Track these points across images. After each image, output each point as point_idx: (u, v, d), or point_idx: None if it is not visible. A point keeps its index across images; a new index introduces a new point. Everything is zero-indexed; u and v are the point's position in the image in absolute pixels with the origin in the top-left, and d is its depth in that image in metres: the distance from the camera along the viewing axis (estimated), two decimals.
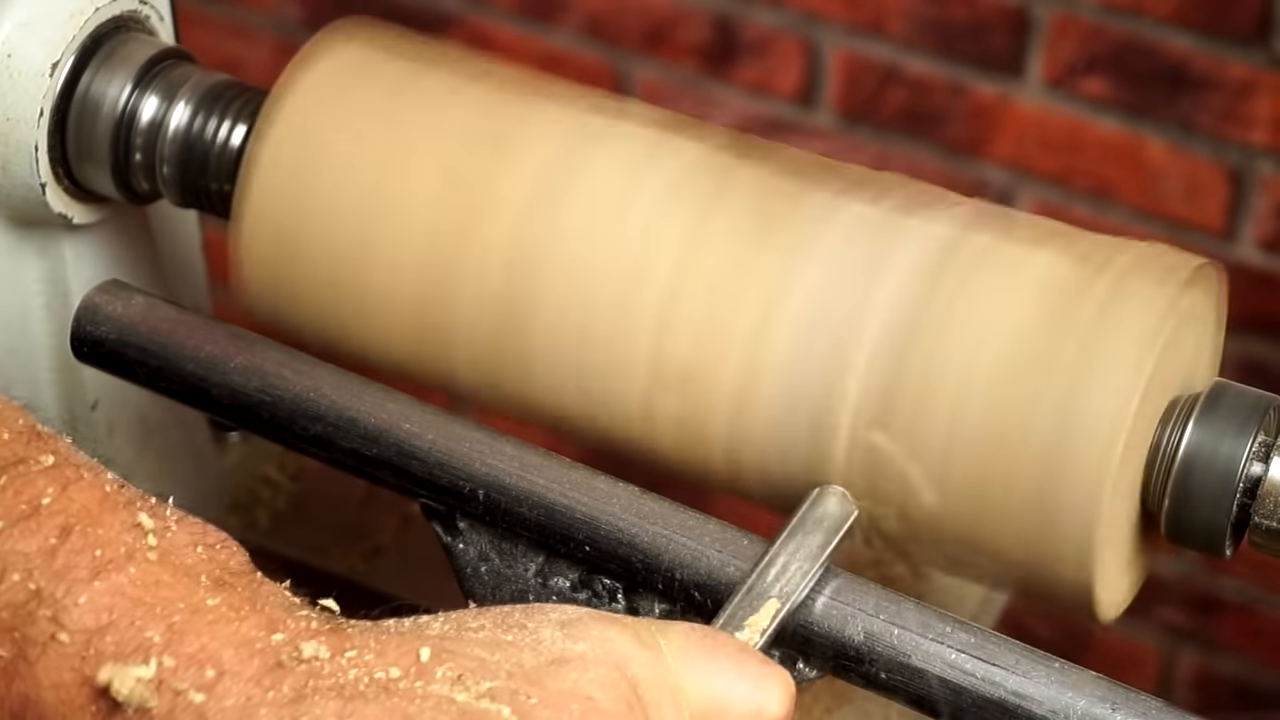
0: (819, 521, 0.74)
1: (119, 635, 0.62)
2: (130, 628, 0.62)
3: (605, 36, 1.96)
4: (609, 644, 0.64)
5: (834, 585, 0.74)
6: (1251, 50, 1.71)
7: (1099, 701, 0.71)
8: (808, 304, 0.77)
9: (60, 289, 0.90)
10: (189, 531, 0.66)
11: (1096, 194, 1.81)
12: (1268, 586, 1.81)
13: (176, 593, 0.63)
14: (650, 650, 0.64)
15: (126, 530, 0.65)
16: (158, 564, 0.64)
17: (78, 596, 0.62)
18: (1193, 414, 0.75)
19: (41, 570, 0.63)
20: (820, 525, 0.74)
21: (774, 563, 0.72)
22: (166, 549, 0.65)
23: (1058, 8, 1.77)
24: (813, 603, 0.73)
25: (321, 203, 0.83)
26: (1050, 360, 0.74)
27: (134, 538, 0.65)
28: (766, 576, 0.72)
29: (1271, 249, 1.76)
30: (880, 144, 1.87)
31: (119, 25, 0.87)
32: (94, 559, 0.63)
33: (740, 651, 0.67)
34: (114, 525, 0.65)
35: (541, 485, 0.77)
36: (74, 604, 0.62)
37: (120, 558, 0.64)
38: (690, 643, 0.66)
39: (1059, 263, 0.76)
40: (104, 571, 0.63)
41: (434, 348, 0.83)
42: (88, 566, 0.63)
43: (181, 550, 0.65)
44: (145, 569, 0.64)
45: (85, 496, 0.66)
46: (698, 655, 0.65)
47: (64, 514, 0.65)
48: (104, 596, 0.63)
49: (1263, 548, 0.75)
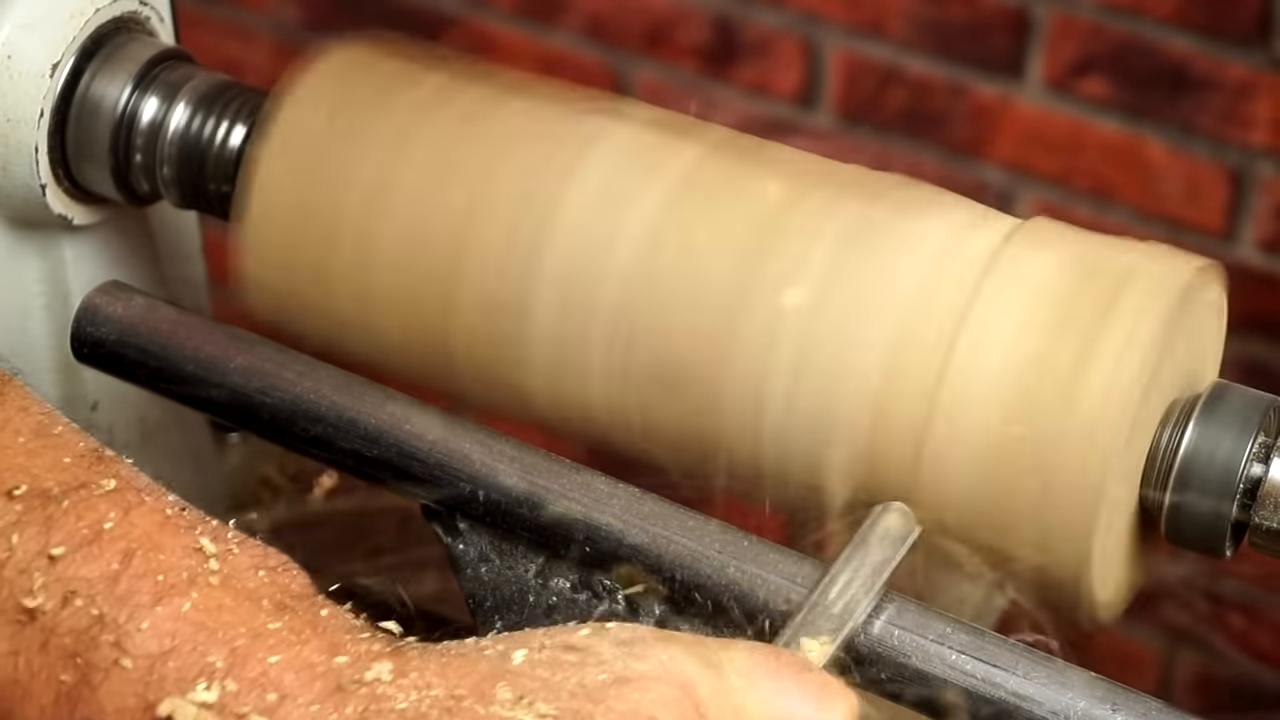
0: (881, 538, 0.73)
1: (181, 660, 0.62)
2: (192, 653, 0.62)
3: (605, 37, 1.96)
4: (672, 663, 0.63)
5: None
6: (1251, 51, 1.71)
7: (1099, 702, 0.71)
8: (808, 304, 0.77)
9: (60, 290, 0.90)
10: (250, 555, 0.66)
11: (1096, 194, 1.81)
12: (1268, 586, 1.81)
13: (238, 617, 0.63)
14: (713, 669, 0.64)
15: (188, 555, 0.65)
16: (220, 588, 0.64)
17: (140, 622, 0.62)
18: (1193, 415, 0.75)
19: (104, 596, 0.63)
20: (882, 542, 0.73)
21: (836, 580, 0.71)
22: (228, 573, 0.65)
23: (1058, 8, 1.77)
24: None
25: (322, 205, 0.83)
26: (1050, 361, 0.74)
27: (196, 562, 0.65)
28: (829, 594, 0.71)
29: (1271, 249, 1.76)
30: (880, 144, 1.87)
31: (119, 26, 0.88)
32: (156, 584, 0.63)
33: (804, 670, 0.66)
34: (176, 550, 0.65)
35: (542, 486, 0.77)
36: (136, 629, 0.62)
37: (182, 583, 0.64)
38: (754, 661, 0.65)
39: (1060, 264, 0.76)
40: (166, 597, 0.63)
41: (433, 348, 0.83)
42: (150, 592, 0.63)
43: (243, 574, 0.65)
44: (207, 593, 0.64)
45: (147, 521, 0.66)
46: (761, 674, 0.65)
47: (126, 539, 0.65)
48: (166, 622, 0.63)
49: (1263, 548, 0.75)
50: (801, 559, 0.75)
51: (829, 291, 0.77)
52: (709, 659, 0.64)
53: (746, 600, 0.74)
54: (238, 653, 0.62)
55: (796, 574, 0.74)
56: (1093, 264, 0.76)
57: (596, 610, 0.76)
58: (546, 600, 0.76)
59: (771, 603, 0.74)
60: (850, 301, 0.77)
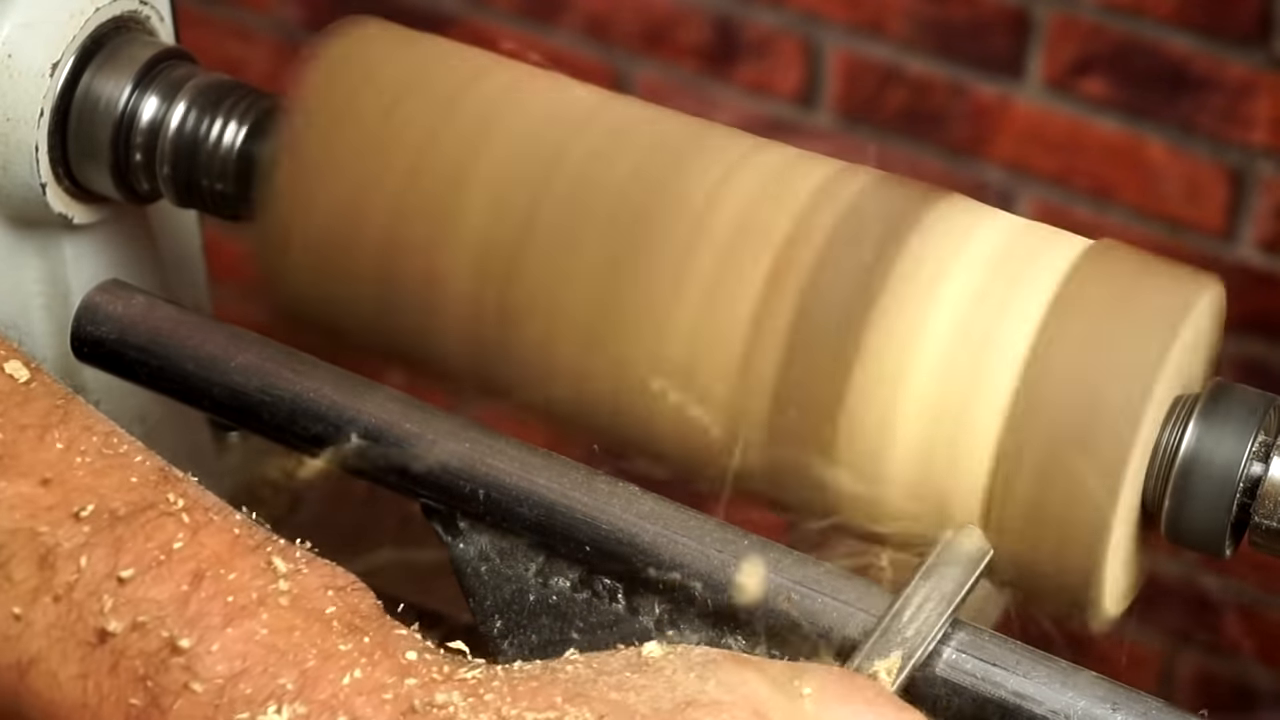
0: (954, 562, 0.73)
1: (252, 682, 0.62)
2: (263, 675, 0.62)
3: (605, 36, 1.96)
4: (745, 687, 0.63)
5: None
6: (1251, 50, 1.71)
7: (1099, 701, 0.71)
8: (807, 301, 0.77)
9: (60, 289, 0.90)
10: (319, 574, 0.66)
11: (1096, 194, 1.81)
12: (1268, 587, 1.81)
13: (309, 638, 0.63)
14: (786, 694, 0.64)
15: (258, 575, 0.65)
16: (289, 609, 0.64)
17: (210, 644, 0.62)
18: (1193, 414, 0.75)
19: (174, 618, 0.63)
20: (955, 566, 0.73)
21: (909, 604, 0.71)
22: (298, 593, 0.64)
23: (1058, 8, 1.77)
24: (812, 603, 0.73)
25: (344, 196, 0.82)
26: (1058, 361, 0.74)
27: (265, 582, 0.64)
28: (901, 618, 0.71)
29: (1271, 249, 1.76)
30: (880, 144, 1.87)
31: (119, 25, 0.88)
32: (226, 605, 0.63)
33: (877, 695, 0.66)
34: (245, 570, 0.65)
35: (542, 485, 0.77)
36: (207, 651, 0.62)
37: (252, 603, 0.63)
38: (827, 686, 0.65)
39: (1062, 263, 0.76)
40: (237, 618, 0.63)
41: (430, 342, 0.83)
42: (220, 613, 0.63)
43: (313, 594, 0.65)
44: (277, 614, 0.63)
45: (216, 541, 0.65)
46: (834, 700, 0.64)
47: (195, 559, 0.64)
48: (237, 643, 0.62)
49: (1263, 548, 0.75)
50: (803, 558, 0.75)
51: (827, 290, 0.77)
52: (782, 683, 0.64)
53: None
54: (308, 675, 0.62)
55: (797, 573, 0.74)
56: (1101, 265, 0.76)
57: (596, 610, 0.76)
58: (546, 600, 0.76)
59: (771, 601, 0.74)
60: (846, 299, 0.77)
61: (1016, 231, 0.78)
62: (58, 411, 0.69)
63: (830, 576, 0.74)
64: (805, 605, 0.73)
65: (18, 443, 0.67)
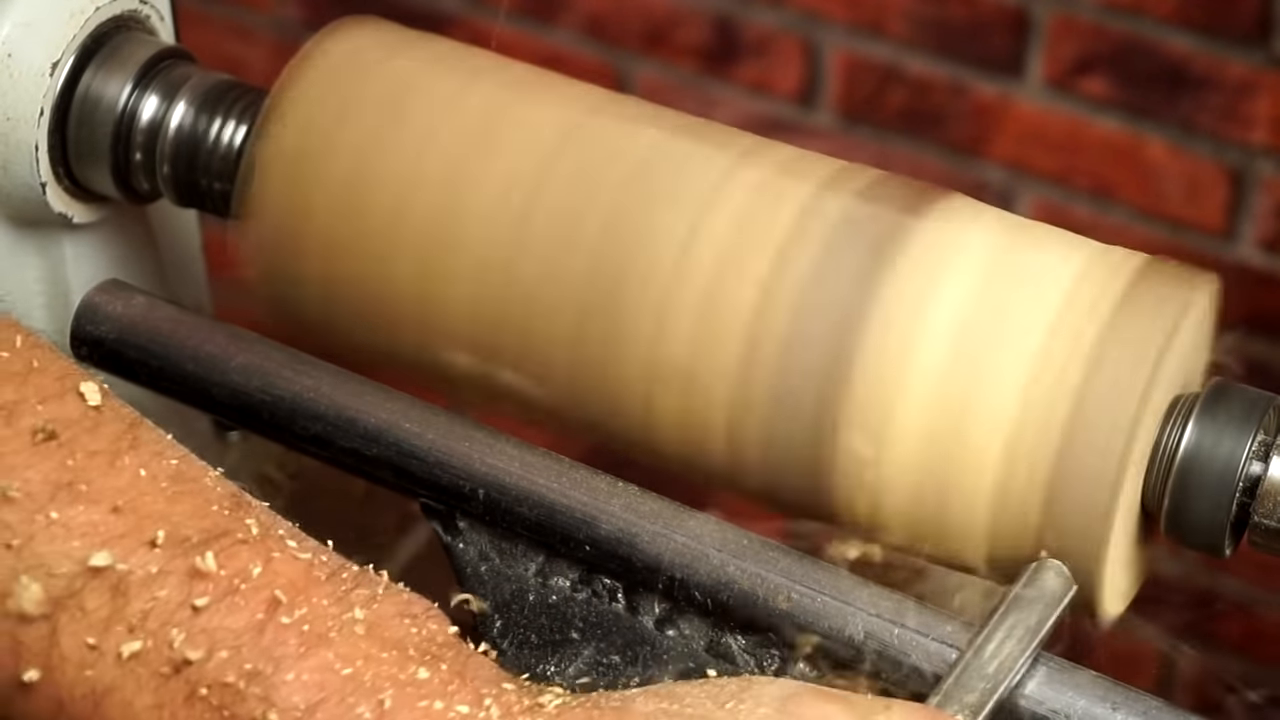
0: (1036, 598, 0.72)
1: (329, 712, 0.61)
2: (340, 705, 0.61)
3: (605, 36, 1.96)
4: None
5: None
6: (1251, 50, 1.71)
7: (1099, 701, 0.71)
8: (807, 303, 0.77)
9: (60, 289, 0.90)
10: (394, 602, 0.66)
11: (1096, 194, 1.81)
12: (1268, 586, 1.81)
13: (386, 668, 0.62)
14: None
15: (334, 603, 0.64)
16: (366, 637, 0.63)
17: (286, 674, 0.62)
18: (1193, 413, 0.75)
19: (250, 647, 0.62)
20: (1038, 601, 0.72)
21: (991, 639, 0.71)
22: (373, 621, 0.64)
23: (1058, 8, 1.77)
24: (812, 603, 0.73)
25: (326, 198, 0.82)
26: (1058, 362, 0.74)
27: (341, 610, 0.64)
28: (983, 654, 0.70)
29: (1271, 249, 1.76)
30: (880, 144, 1.87)
31: (119, 25, 0.88)
32: (302, 634, 0.63)
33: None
34: (321, 598, 0.64)
35: (542, 485, 0.77)
36: (283, 681, 0.62)
37: (328, 632, 0.63)
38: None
39: (1061, 263, 0.76)
40: (313, 647, 0.62)
41: (433, 344, 0.83)
42: (296, 642, 0.63)
43: (389, 622, 0.64)
44: (354, 643, 0.63)
45: (290, 569, 0.65)
46: None
47: (270, 588, 0.64)
48: (314, 673, 0.62)
49: (1263, 547, 0.75)
50: (802, 558, 0.75)
51: (826, 291, 0.77)
52: (868, 718, 0.64)
53: (746, 599, 0.74)
54: (386, 705, 0.61)
55: (797, 572, 0.74)
56: (1097, 264, 0.76)
57: (596, 610, 0.76)
58: (546, 600, 0.76)
59: (772, 601, 0.74)
60: (846, 300, 0.77)
61: (1015, 231, 0.78)
62: (128, 437, 0.68)
63: (830, 575, 0.74)
64: (805, 604, 0.73)
65: (88, 469, 0.66)
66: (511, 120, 0.82)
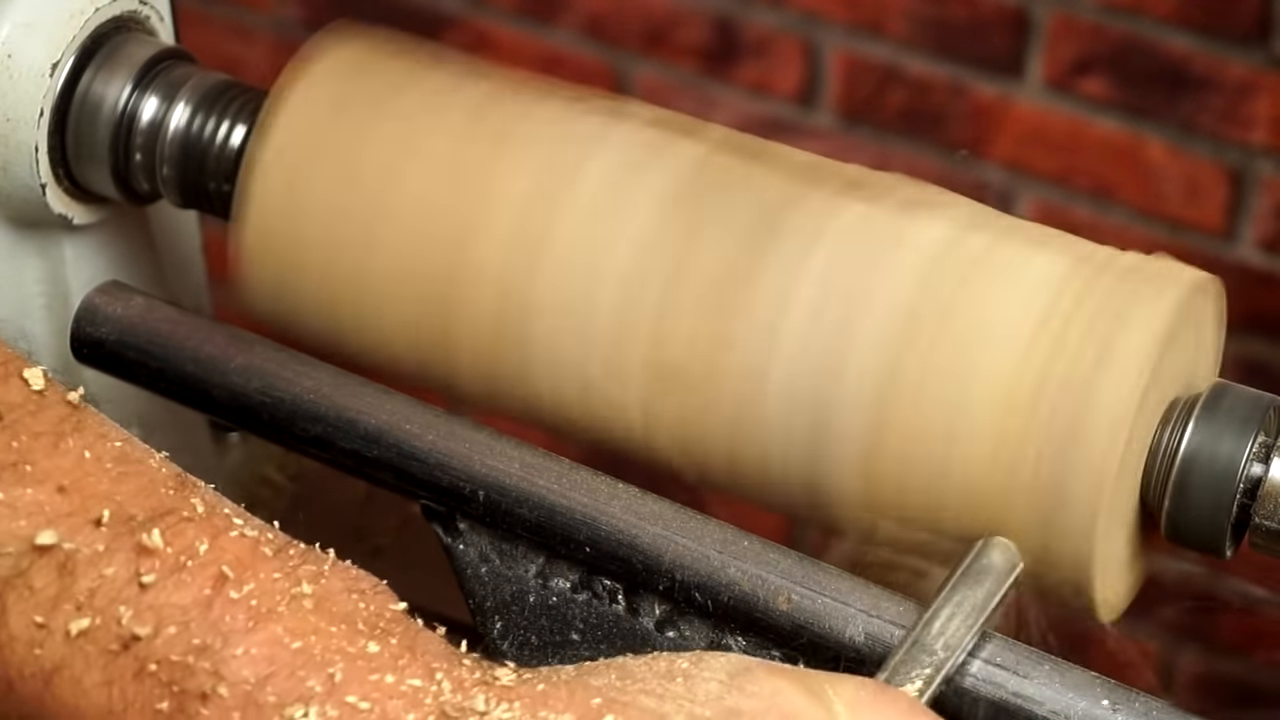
0: (983, 574, 0.73)
1: (279, 686, 0.61)
2: (290, 678, 0.61)
3: (605, 36, 1.96)
4: (779, 695, 0.63)
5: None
6: (1251, 50, 1.71)
7: (1099, 701, 0.71)
8: (807, 304, 0.77)
9: (60, 289, 0.90)
10: (342, 578, 0.65)
11: (1096, 194, 1.81)
12: (1268, 586, 1.81)
13: (335, 641, 0.62)
14: (820, 703, 0.63)
15: (281, 578, 0.64)
16: (314, 612, 0.63)
17: (235, 648, 0.62)
18: (1193, 414, 0.75)
19: (198, 622, 0.62)
20: (984, 578, 0.73)
21: (937, 616, 0.71)
22: (322, 596, 0.64)
23: (1058, 8, 1.77)
24: (812, 603, 0.73)
25: (321, 203, 0.83)
26: (1051, 361, 0.74)
27: (289, 585, 0.64)
28: (930, 629, 0.70)
29: (1271, 249, 1.76)
30: (880, 144, 1.87)
31: (119, 25, 0.87)
32: (250, 609, 0.63)
33: (910, 707, 0.66)
34: (268, 574, 0.64)
35: (542, 486, 0.77)
36: (232, 655, 0.62)
37: (277, 607, 0.63)
38: (861, 697, 0.65)
39: (1059, 264, 0.76)
40: (261, 621, 0.62)
41: (434, 349, 0.83)
42: (245, 616, 0.62)
43: (337, 597, 0.64)
44: (302, 618, 0.63)
45: (237, 546, 0.65)
46: (867, 710, 0.64)
47: (217, 564, 0.64)
48: (263, 647, 0.62)
49: (1263, 548, 0.75)
50: (802, 558, 0.75)
51: (828, 291, 0.77)
52: (816, 692, 0.64)
53: (747, 601, 0.74)
54: (336, 677, 0.61)
55: (797, 573, 0.74)
56: (1093, 264, 0.76)
57: (596, 611, 0.76)
58: (546, 601, 0.76)
59: (772, 602, 0.74)
60: (847, 300, 0.77)
61: (1011, 232, 0.78)
62: (71, 419, 0.69)
63: (830, 577, 0.74)
64: (805, 605, 0.73)
65: (33, 450, 0.67)
66: (507, 121, 0.82)
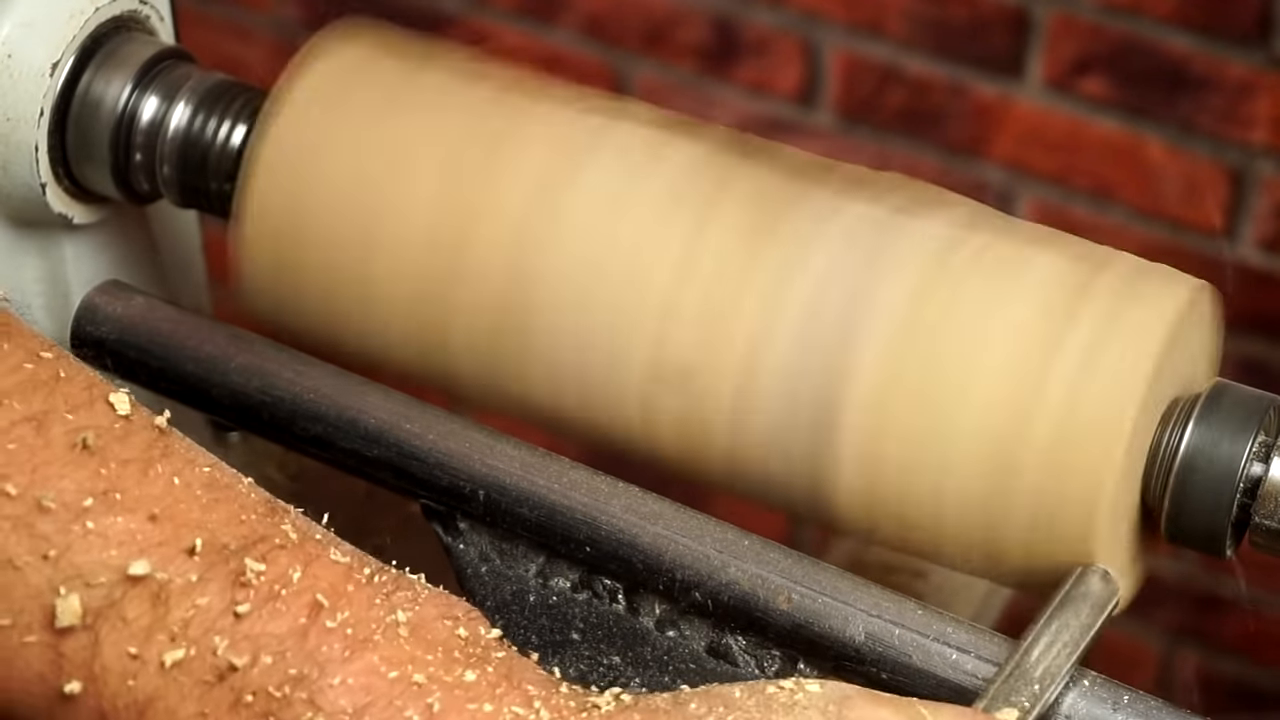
0: (1082, 601, 0.73)
1: (377, 716, 0.61)
2: (389, 708, 0.61)
3: (605, 36, 1.96)
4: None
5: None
6: (1251, 50, 1.71)
7: (1099, 701, 0.71)
8: (807, 304, 0.77)
9: (60, 289, 0.90)
10: (435, 604, 0.65)
11: (1096, 194, 1.81)
12: (1268, 586, 1.81)
13: (432, 670, 0.62)
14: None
15: (376, 606, 0.64)
16: (410, 640, 0.63)
17: (332, 678, 0.61)
18: (1193, 414, 0.75)
19: (294, 652, 0.62)
20: (1083, 606, 0.72)
21: (1037, 643, 0.71)
22: (417, 623, 0.64)
23: (1058, 8, 1.77)
24: (812, 603, 0.73)
25: (322, 202, 0.83)
26: (1051, 360, 0.74)
27: (384, 613, 0.63)
28: (1030, 656, 0.70)
29: (1271, 249, 1.76)
30: (880, 144, 1.87)
31: (119, 25, 0.87)
32: (346, 638, 0.62)
33: None
34: (362, 601, 0.64)
35: (542, 485, 0.77)
36: (329, 685, 0.61)
37: (372, 635, 0.62)
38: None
39: (1059, 263, 0.76)
40: (358, 650, 0.62)
41: (434, 348, 0.83)
42: (341, 646, 0.62)
43: (432, 624, 0.64)
44: (398, 646, 0.62)
45: (330, 573, 0.64)
46: None
47: (311, 592, 0.63)
48: (360, 676, 0.61)
49: (1263, 548, 0.75)
50: (802, 558, 0.75)
51: (828, 291, 0.77)
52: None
53: (747, 600, 0.74)
54: (435, 707, 0.61)
55: (797, 573, 0.74)
56: (1093, 264, 0.76)
57: (596, 610, 0.76)
58: (546, 600, 0.76)
59: (772, 602, 0.74)
60: (847, 300, 0.77)
61: (1010, 233, 0.78)
62: (159, 445, 0.68)
63: (830, 576, 0.74)
64: (805, 605, 0.73)
65: (122, 477, 0.66)
66: (507, 121, 0.82)
